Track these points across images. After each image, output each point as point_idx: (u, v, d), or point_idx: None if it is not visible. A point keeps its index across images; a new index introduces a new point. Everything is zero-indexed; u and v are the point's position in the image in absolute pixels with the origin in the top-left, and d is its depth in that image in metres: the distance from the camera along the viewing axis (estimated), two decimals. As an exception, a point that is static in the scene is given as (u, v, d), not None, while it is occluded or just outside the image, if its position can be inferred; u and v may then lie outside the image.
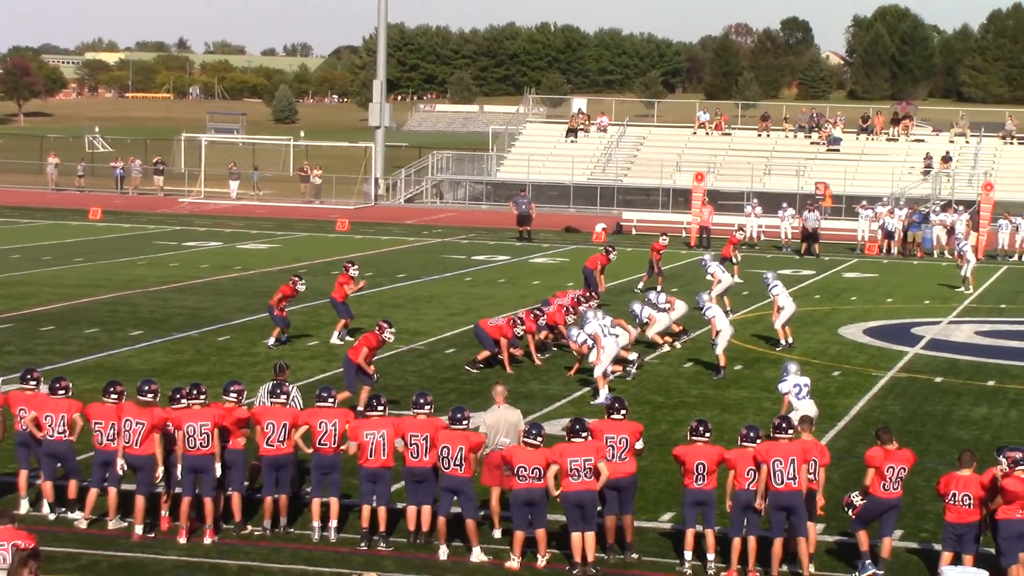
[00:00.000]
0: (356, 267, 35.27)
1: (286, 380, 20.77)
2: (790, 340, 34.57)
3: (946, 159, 75.59)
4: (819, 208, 61.64)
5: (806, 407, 22.79)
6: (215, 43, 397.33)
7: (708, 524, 18.06)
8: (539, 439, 18.02)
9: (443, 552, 18.19)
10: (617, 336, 28.88)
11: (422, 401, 19.11)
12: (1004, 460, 17.32)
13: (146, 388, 19.24)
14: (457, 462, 18.28)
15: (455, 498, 18.41)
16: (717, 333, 30.74)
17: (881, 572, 17.80)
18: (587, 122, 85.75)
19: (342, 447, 19.06)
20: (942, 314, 41.39)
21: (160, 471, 18.91)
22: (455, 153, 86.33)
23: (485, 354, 31.05)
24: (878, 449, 18.15)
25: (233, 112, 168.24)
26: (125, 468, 18.97)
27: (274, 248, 55.99)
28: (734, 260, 45.21)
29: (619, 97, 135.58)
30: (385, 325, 26.65)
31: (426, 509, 18.70)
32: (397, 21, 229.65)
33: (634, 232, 66.60)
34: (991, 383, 30.96)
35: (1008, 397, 29.53)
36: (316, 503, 18.95)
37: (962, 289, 46.40)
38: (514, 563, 17.83)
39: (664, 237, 45.31)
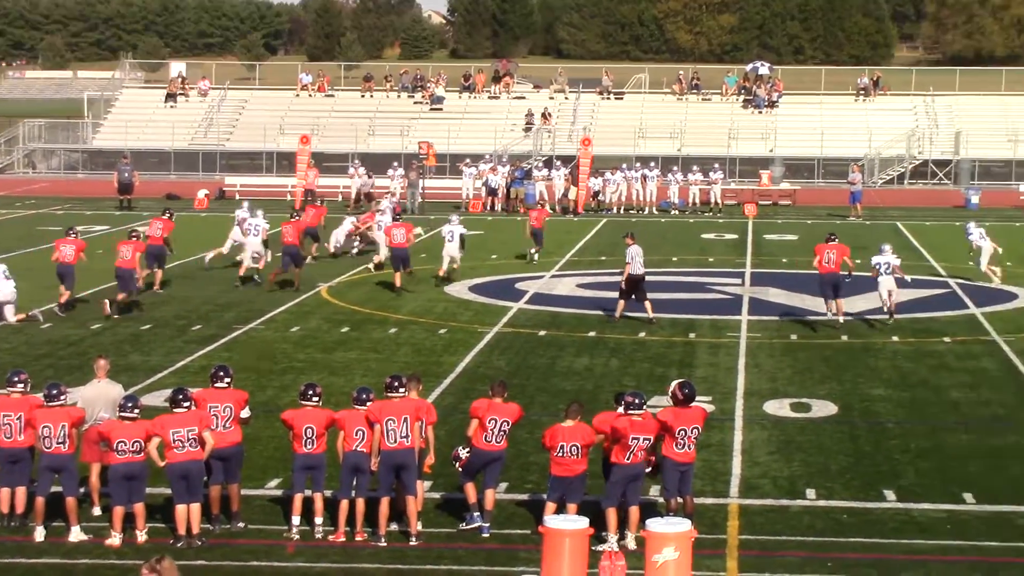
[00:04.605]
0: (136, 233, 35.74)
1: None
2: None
3: (546, 116, 77.09)
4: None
5: (888, 283, 31.85)
6: None
7: (317, 488, 17.87)
8: (136, 411, 17.57)
9: (39, 533, 17.53)
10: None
11: (16, 379, 18.44)
12: (622, 404, 17.61)
13: None
14: (60, 440, 17.69)
15: (55, 477, 17.74)
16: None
17: (487, 524, 17.94)
18: (186, 86, 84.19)
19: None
20: (545, 268, 42.18)
21: None
22: (48, 121, 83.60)
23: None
24: (483, 400, 18.32)
25: None
26: None
27: None
28: None
29: (220, 60, 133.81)
30: None
31: (20, 490, 18.01)
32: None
33: (238, 197, 65.77)
34: (592, 334, 31.66)
35: (609, 347, 30.24)
36: None
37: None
38: (115, 540, 17.31)
39: (542, 204, 47.86)
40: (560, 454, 17.54)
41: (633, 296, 32.97)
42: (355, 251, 44.37)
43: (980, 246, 38.87)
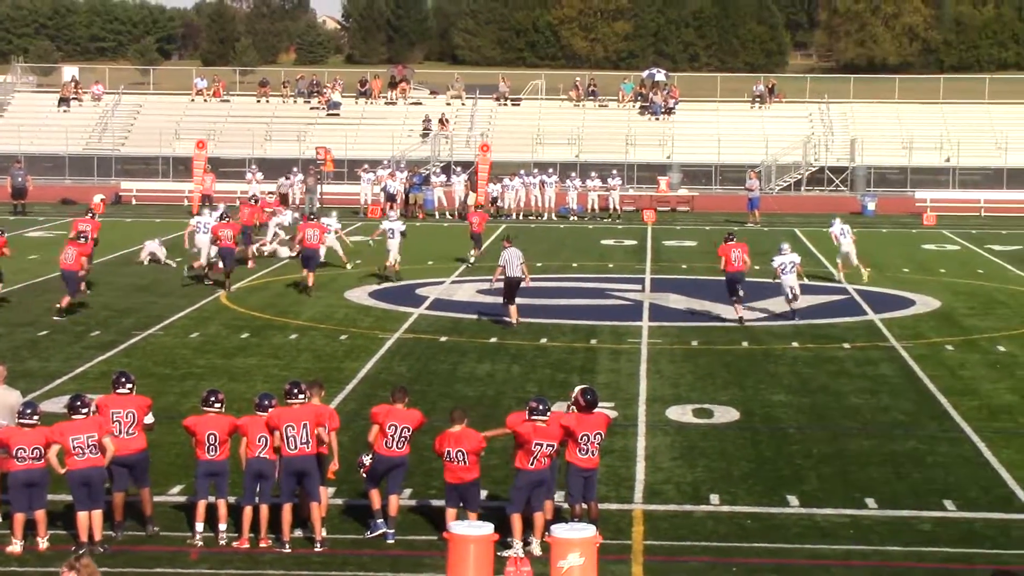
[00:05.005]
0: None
1: None
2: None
3: (444, 121, 77.04)
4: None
5: (791, 281, 33.49)
6: None
7: (221, 494, 17.72)
8: (35, 418, 17.35)
9: (-61, 543, 17.27)
10: None
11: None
12: (527, 410, 17.60)
13: None
14: (-43, 447, 17.41)
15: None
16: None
17: (392, 531, 17.86)
18: (80, 90, 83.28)
19: None
20: (445, 274, 42.12)
21: None
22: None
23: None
24: (382, 406, 18.28)
25: None
26: None
27: None
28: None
29: (113, 64, 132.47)
30: None
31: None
32: None
33: (134, 202, 65.35)
34: (493, 340, 31.65)
35: (510, 353, 30.22)
36: None
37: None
38: (16, 547, 17.09)
39: (481, 208, 49.91)
40: (448, 459, 17.54)
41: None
42: (267, 252, 44.39)
43: (840, 242, 41.25)
